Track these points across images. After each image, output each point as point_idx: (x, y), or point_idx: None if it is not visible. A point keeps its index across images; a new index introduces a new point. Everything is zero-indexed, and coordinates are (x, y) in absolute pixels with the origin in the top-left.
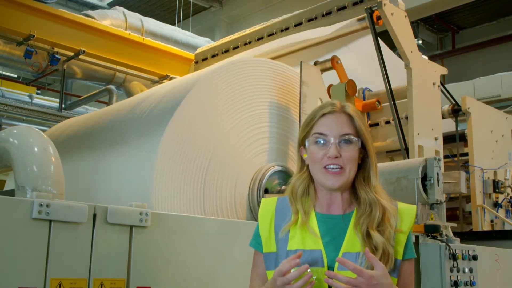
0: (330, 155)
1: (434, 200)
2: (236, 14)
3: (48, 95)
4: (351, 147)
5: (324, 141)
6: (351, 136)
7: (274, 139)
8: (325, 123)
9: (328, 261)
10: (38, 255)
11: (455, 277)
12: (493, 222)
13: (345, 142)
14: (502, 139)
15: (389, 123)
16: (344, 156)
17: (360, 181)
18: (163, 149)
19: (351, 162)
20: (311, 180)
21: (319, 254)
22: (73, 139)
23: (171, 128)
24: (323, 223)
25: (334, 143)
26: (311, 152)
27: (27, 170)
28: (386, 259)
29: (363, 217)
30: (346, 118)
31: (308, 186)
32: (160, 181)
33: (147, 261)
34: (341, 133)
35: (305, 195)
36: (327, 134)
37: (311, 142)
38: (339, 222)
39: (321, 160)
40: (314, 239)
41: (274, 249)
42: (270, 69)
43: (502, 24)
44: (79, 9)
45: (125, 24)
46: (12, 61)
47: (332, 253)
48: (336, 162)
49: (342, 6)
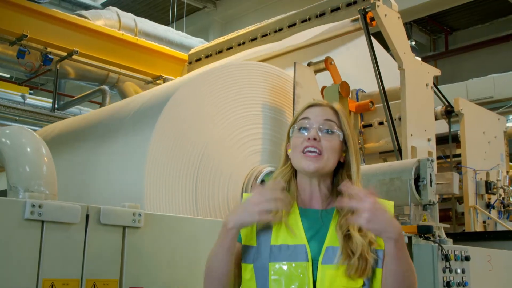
0: (310, 137)
1: (427, 201)
2: (230, 14)
3: (41, 95)
4: (332, 137)
5: (306, 129)
6: (333, 125)
7: (268, 140)
8: (310, 111)
9: (312, 255)
10: (30, 256)
11: (447, 278)
12: (485, 223)
13: (326, 132)
14: (494, 140)
15: (382, 124)
16: (324, 143)
17: (343, 179)
18: (153, 147)
19: (330, 150)
20: (293, 175)
21: (303, 248)
22: (64, 138)
23: (160, 128)
24: (305, 218)
25: (315, 128)
26: (294, 138)
27: (20, 171)
28: (364, 265)
29: (343, 218)
30: (331, 111)
31: (289, 181)
32: (151, 181)
33: (140, 262)
34: (324, 118)
35: (286, 190)
36: (310, 118)
37: (295, 130)
38: (320, 216)
39: (301, 144)
40: (298, 234)
41: (254, 243)
42: (262, 72)
43: (495, 25)
44: (72, 9)
45: (119, 24)
46: (5, 61)
47: (316, 247)
48: (314, 144)
49: (336, 7)
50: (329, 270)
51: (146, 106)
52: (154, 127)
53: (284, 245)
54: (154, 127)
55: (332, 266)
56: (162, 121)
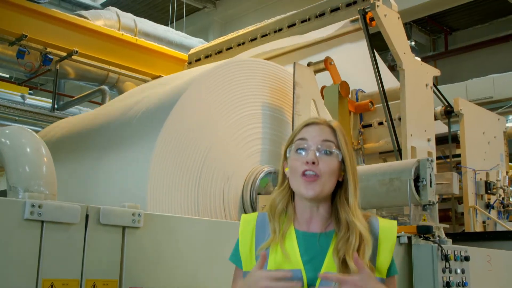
0: (308, 160)
1: (427, 201)
2: (230, 15)
3: (40, 95)
4: (330, 158)
5: (304, 149)
6: (331, 145)
7: (267, 140)
8: (307, 131)
9: (308, 281)
10: (30, 256)
11: (447, 278)
12: (485, 223)
13: (325, 153)
14: (494, 140)
15: (382, 124)
16: (322, 166)
17: (341, 201)
18: (158, 150)
19: (328, 173)
20: (291, 197)
21: (298, 273)
22: (67, 140)
23: (166, 129)
24: (303, 241)
25: (313, 150)
26: (291, 160)
27: (19, 171)
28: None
29: (341, 242)
30: (329, 129)
31: (287, 203)
32: (154, 181)
33: (139, 262)
34: (322, 138)
35: (284, 212)
36: (307, 139)
37: (292, 150)
38: (318, 240)
39: (300, 167)
40: (293, 258)
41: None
42: (263, 70)
43: (495, 25)
44: (72, 9)
45: (118, 25)
46: (5, 61)
47: (312, 272)
48: (312, 168)
49: (336, 8)
50: None
51: (151, 109)
52: (160, 130)
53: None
54: (160, 130)
55: None
56: (169, 123)
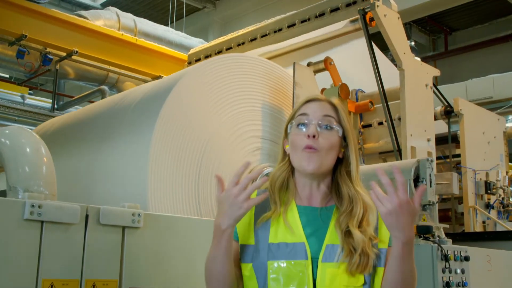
0: (309, 134)
1: (427, 201)
2: (229, 15)
3: (40, 95)
4: (331, 133)
5: (305, 125)
6: (332, 120)
7: (267, 139)
8: (309, 106)
9: (312, 253)
10: (30, 256)
11: (447, 278)
12: (485, 223)
13: (325, 127)
14: (494, 140)
15: (382, 124)
16: (322, 142)
17: (342, 175)
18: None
19: (328, 147)
20: (291, 172)
21: (302, 246)
22: (63, 138)
23: (162, 123)
24: (304, 215)
25: (314, 124)
26: (292, 135)
27: (19, 171)
28: (366, 260)
29: (343, 215)
30: (329, 106)
31: (287, 178)
32: (154, 180)
33: (139, 262)
34: (323, 114)
35: (284, 188)
36: (308, 114)
37: (293, 126)
38: (319, 214)
39: (301, 142)
40: (296, 232)
41: (252, 242)
42: (264, 68)
43: (495, 26)
44: (72, 9)
45: (118, 25)
46: (4, 61)
47: (315, 245)
48: (313, 142)
49: (335, 8)
50: (329, 268)
51: (144, 100)
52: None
53: (282, 243)
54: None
55: (332, 264)
56: (162, 119)
